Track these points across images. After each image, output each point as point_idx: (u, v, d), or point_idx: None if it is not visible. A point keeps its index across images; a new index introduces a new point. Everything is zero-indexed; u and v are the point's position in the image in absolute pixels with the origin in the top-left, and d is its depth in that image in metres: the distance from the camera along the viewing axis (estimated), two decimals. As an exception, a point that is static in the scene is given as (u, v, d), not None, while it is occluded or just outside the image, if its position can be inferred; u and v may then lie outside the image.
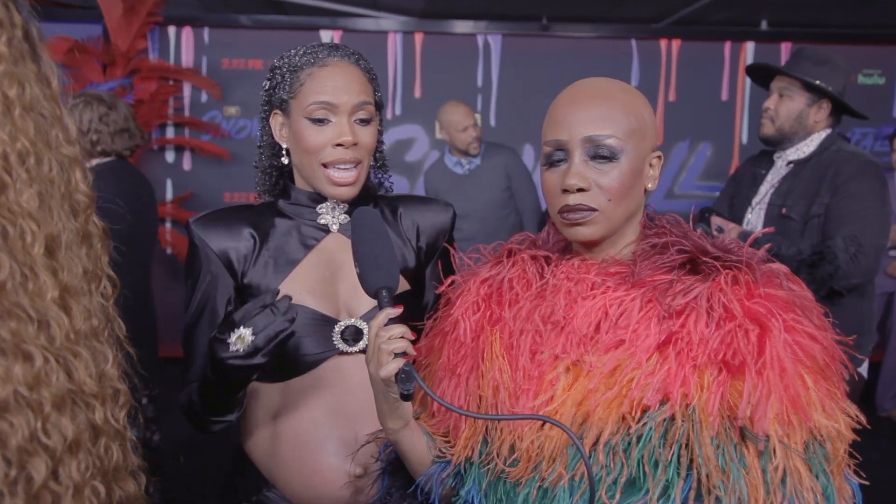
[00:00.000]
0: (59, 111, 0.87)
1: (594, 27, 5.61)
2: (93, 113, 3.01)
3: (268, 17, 5.53)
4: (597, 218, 1.09)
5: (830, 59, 2.69)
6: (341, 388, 1.42)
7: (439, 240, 1.57)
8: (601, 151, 1.08)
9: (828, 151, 2.66)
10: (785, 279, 1.06)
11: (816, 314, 1.05)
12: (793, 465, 0.96)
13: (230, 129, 5.46)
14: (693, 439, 0.96)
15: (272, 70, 1.46)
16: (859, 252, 2.48)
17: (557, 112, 1.12)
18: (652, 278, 1.05)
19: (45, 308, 0.78)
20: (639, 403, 0.98)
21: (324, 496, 1.42)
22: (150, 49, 5.30)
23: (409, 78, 5.53)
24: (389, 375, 1.05)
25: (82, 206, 0.89)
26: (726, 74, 5.58)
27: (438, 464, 1.17)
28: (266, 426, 1.46)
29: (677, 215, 1.16)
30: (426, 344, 1.25)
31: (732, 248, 1.08)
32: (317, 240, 1.48)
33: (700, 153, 5.69)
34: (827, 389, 1.00)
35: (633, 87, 1.15)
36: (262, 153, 1.52)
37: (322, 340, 1.42)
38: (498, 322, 1.13)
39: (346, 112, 1.40)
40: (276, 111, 1.45)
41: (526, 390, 1.05)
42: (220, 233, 1.44)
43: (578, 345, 1.04)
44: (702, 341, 0.98)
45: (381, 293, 1.11)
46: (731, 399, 0.97)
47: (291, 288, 1.42)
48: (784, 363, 0.97)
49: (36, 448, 0.75)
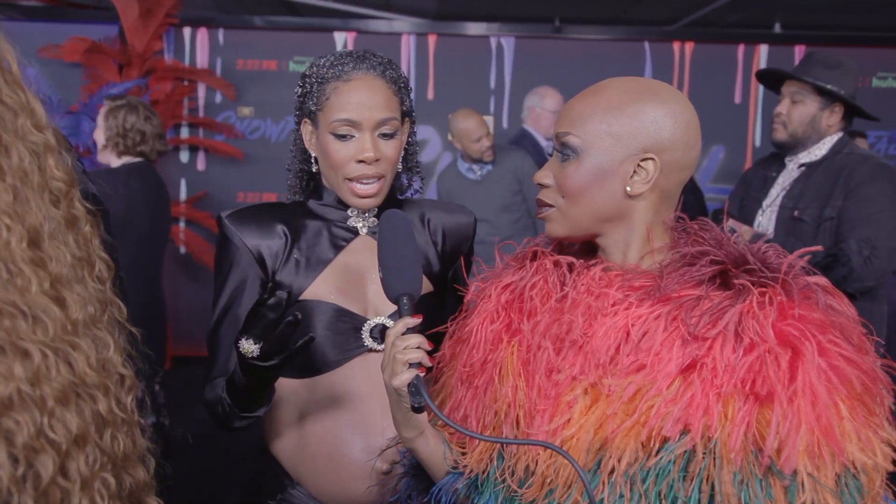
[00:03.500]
0: (23, 96, 0.82)
1: (607, 29, 5.61)
2: (137, 116, 3.22)
3: (282, 19, 5.56)
4: (553, 214, 1.09)
5: (842, 62, 2.68)
6: (368, 386, 1.43)
7: (462, 245, 1.60)
8: (563, 151, 1.08)
9: (840, 154, 2.66)
10: (823, 294, 0.98)
11: (857, 334, 0.97)
12: (822, 499, 0.89)
13: (244, 129, 5.49)
14: (714, 475, 0.90)
15: (303, 78, 1.47)
16: (873, 255, 2.48)
17: None
18: (678, 294, 0.98)
19: (36, 302, 0.76)
20: (658, 433, 0.93)
21: (351, 492, 1.43)
22: (165, 50, 5.34)
23: (422, 79, 5.54)
24: (401, 386, 1.04)
25: (62, 193, 0.85)
26: (739, 77, 5.57)
27: (452, 474, 1.14)
28: (293, 423, 1.47)
29: (707, 219, 1.09)
30: (449, 349, 1.22)
31: (770, 259, 1.01)
32: (346, 241, 1.50)
33: (713, 156, 5.68)
34: (864, 418, 0.93)
35: (652, 88, 1.08)
36: (295, 157, 1.55)
37: (351, 338, 1.43)
38: (517, 334, 1.09)
39: (369, 128, 1.41)
40: (307, 119, 1.48)
41: (542, 411, 1.01)
42: (254, 229, 1.46)
43: (597, 367, 0.98)
44: (728, 368, 0.92)
45: (402, 300, 1.11)
46: (759, 429, 0.90)
47: (321, 287, 1.44)
48: (817, 390, 0.90)
49: (43, 444, 0.74)
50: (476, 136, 4.02)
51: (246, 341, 1.19)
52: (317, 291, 1.44)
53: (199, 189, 5.46)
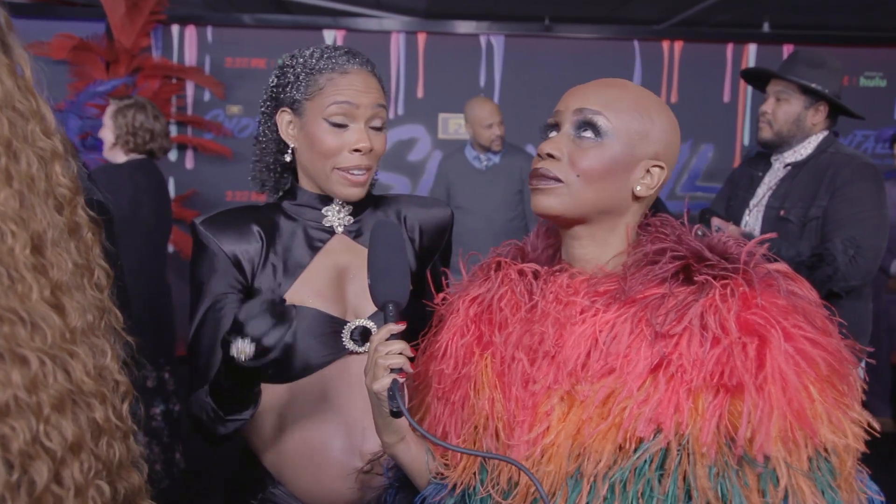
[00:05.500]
0: (35, 103, 0.83)
1: (597, 28, 5.62)
2: (146, 115, 3.35)
3: (271, 17, 5.55)
4: (560, 190, 1.05)
5: (826, 61, 2.70)
6: (349, 387, 1.42)
7: (439, 239, 1.59)
8: (586, 128, 1.05)
9: (825, 154, 2.67)
10: (784, 280, 1.00)
11: (819, 317, 0.99)
12: (796, 483, 0.91)
13: (233, 127, 5.48)
14: (689, 470, 0.92)
15: (282, 68, 1.46)
16: (858, 254, 2.49)
17: (568, 90, 1.10)
18: (643, 294, 0.99)
19: (36, 309, 0.77)
20: (633, 434, 0.94)
21: (331, 492, 1.43)
22: (153, 47, 5.31)
23: (411, 78, 5.54)
24: (382, 390, 1.05)
25: (66, 199, 0.85)
26: (728, 76, 5.59)
27: (435, 485, 1.14)
28: (274, 423, 1.46)
29: (668, 215, 1.11)
30: (422, 365, 1.22)
31: (731, 249, 1.03)
32: (323, 242, 1.48)
33: (702, 155, 5.70)
34: (834, 399, 0.94)
35: (660, 99, 1.11)
36: (265, 149, 1.52)
37: (332, 342, 1.43)
38: (489, 346, 1.09)
39: (364, 118, 1.41)
40: (285, 109, 1.45)
41: (521, 422, 1.02)
42: (230, 233, 1.44)
43: (570, 375, 0.99)
44: (696, 363, 0.93)
45: (388, 307, 1.12)
46: (732, 420, 0.91)
47: (300, 291, 1.43)
48: (786, 375, 0.91)
49: (38, 451, 0.74)
50: (487, 123, 4.07)
51: (242, 342, 1.16)
52: (296, 297, 1.42)
53: (188, 188, 5.44)
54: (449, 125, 5.58)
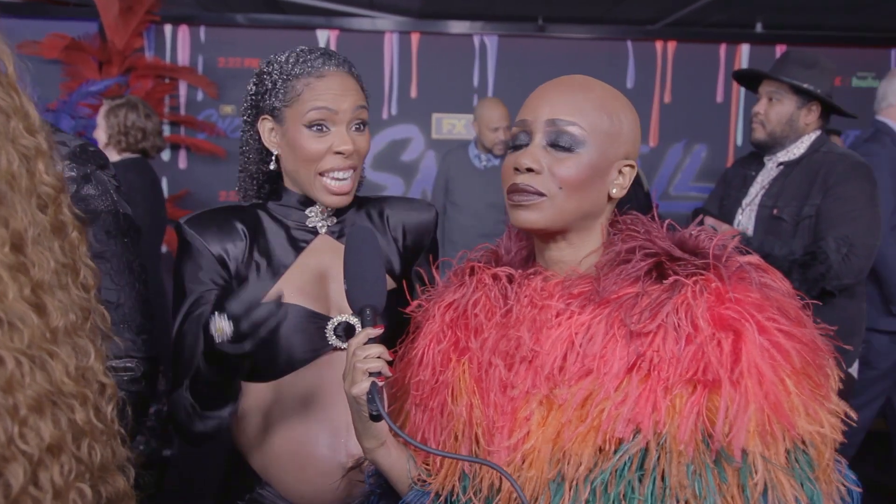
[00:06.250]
0: (17, 99, 0.81)
1: (590, 28, 5.62)
2: (138, 114, 3.39)
3: (264, 17, 5.53)
4: (543, 204, 1.04)
5: (818, 61, 2.71)
6: (333, 383, 1.42)
7: (424, 239, 1.60)
8: (561, 140, 1.04)
9: (818, 153, 2.68)
10: (757, 272, 1.00)
11: (793, 308, 0.99)
12: (774, 477, 0.91)
13: (226, 127, 5.46)
14: (666, 469, 0.92)
15: (259, 75, 1.47)
16: (851, 252, 2.50)
17: (532, 95, 1.09)
18: (617, 294, 0.99)
19: (13, 308, 0.75)
20: (612, 436, 0.93)
21: (317, 489, 1.42)
22: (146, 47, 5.29)
23: (405, 78, 5.53)
24: (360, 394, 1.05)
25: (51, 198, 0.84)
26: (721, 76, 5.59)
27: (416, 491, 1.13)
28: (258, 422, 1.46)
29: (637, 213, 1.10)
30: (399, 372, 1.22)
31: (703, 244, 1.02)
32: (306, 242, 1.49)
33: (695, 155, 5.70)
34: (810, 391, 0.95)
35: (622, 94, 1.11)
36: (248, 157, 1.51)
37: (315, 338, 1.43)
38: (466, 352, 1.09)
39: (345, 121, 1.41)
40: (266, 116, 1.45)
41: (500, 427, 1.02)
42: (215, 232, 1.44)
43: (547, 379, 0.99)
44: (672, 360, 0.93)
45: (365, 311, 1.12)
46: (710, 416, 0.92)
47: (283, 289, 1.42)
48: (762, 369, 0.91)
49: (13, 453, 0.72)
50: (495, 126, 4.11)
51: (220, 317, 1.14)
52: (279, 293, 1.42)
53: (181, 187, 5.42)
54: (443, 125, 5.57)
